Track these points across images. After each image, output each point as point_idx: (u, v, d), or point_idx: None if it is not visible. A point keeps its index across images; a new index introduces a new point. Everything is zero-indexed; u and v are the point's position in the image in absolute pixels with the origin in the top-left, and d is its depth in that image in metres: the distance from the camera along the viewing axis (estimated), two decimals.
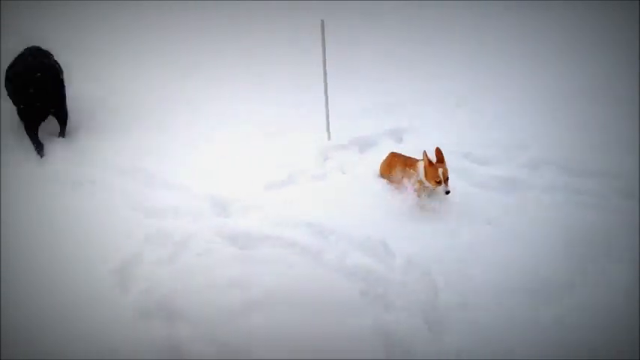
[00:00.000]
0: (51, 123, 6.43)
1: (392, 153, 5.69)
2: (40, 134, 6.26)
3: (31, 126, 6.20)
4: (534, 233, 4.75)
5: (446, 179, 4.86)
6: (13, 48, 6.76)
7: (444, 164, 4.94)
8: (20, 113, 6.22)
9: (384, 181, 5.58)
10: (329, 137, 6.49)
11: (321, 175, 5.83)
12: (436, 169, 4.85)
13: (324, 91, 6.30)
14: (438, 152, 4.97)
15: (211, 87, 7.93)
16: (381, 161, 5.70)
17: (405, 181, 5.15)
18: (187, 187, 5.58)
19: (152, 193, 5.55)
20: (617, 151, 6.06)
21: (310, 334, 3.68)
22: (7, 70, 6.38)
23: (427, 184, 4.98)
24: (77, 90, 7.04)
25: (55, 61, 6.61)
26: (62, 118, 6.48)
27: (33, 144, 6.18)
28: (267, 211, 5.16)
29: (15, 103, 6.25)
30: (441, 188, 4.84)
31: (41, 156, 6.11)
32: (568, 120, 6.88)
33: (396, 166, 5.42)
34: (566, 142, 6.32)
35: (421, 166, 5.00)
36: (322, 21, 6.04)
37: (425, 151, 4.93)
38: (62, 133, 6.49)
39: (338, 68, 7.36)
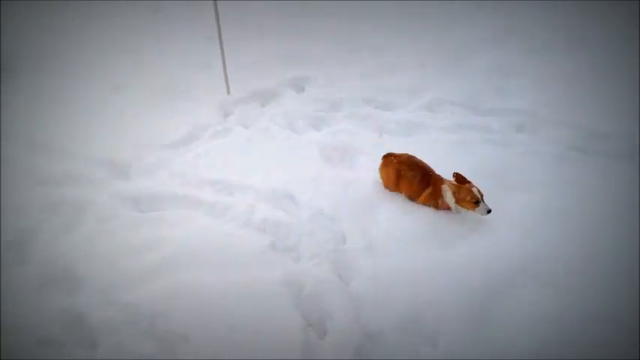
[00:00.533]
0: None
1: (387, 157, 4.72)
2: None
3: None
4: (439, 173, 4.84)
5: (482, 197, 4.19)
6: None
7: (471, 182, 4.24)
8: None
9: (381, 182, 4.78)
10: (228, 91, 6.35)
11: (223, 130, 5.72)
12: (469, 189, 4.16)
13: (220, 44, 6.11)
14: (458, 177, 4.28)
15: (103, 49, 7.55)
16: (380, 169, 4.77)
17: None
18: (84, 153, 5.32)
19: (47, 161, 5.25)
20: (513, 90, 6.39)
21: (221, 290, 3.64)
22: None
23: (458, 209, 4.31)
24: None
25: None
26: None
27: None
28: (169, 171, 5.03)
29: None
30: (482, 208, 4.15)
31: None
32: (469, 65, 7.13)
33: (410, 182, 4.50)
34: (466, 85, 6.57)
35: (447, 191, 4.28)
36: None
37: (449, 181, 4.28)
38: None
39: (233, 20, 7.18)
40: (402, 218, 4.32)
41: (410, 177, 4.48)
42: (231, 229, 4.28)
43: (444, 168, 4.75)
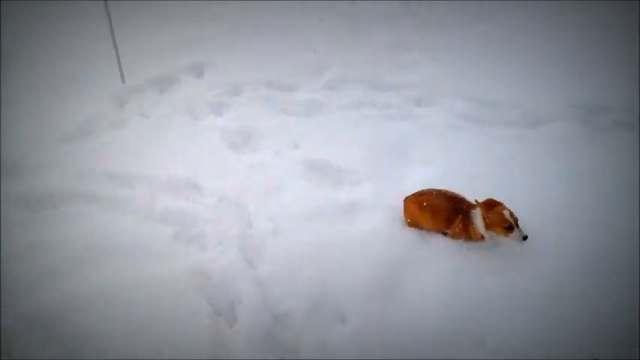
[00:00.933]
0: None
1: (407, 199, 4.08)
2: None
3: None
4: (339, 150, 4.90)
5: (516, 222, 3.62)
6: None
7: (503, 205, 3.67)
8: None
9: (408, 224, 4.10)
10: (123, 80, 6.10)
11: (120, 121, 5.50)
12: (499, 212, 3.61)
13: (110, 31, 5.85)
14: (489, 201, 3.71)
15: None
16: (404, 209, 4.09)
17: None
18: None
19: None
20: (413, 65, 6.56)
21: (124, 286, 3.52)
22: None
23: (491, 235, 3.73)
24: None
25: None
26: None
27: None
28: (63, 167, 4.77)
29: None
30: (516, 234, 3.59)
31: None
32: (370, 42, 7.23)
33: (434, 211, 3.90)
34: (367, 62, 6.68)
35: (477, 216, 3.73)
36: None
37: (476, 200, 3.74)
38: None
39: (124, 5, 6.92)
40: (306, 198, 4.33)
41: (434, 205, 3.89)
42: (132, 223, 4.13)
43: (345, 147, 4.83)
